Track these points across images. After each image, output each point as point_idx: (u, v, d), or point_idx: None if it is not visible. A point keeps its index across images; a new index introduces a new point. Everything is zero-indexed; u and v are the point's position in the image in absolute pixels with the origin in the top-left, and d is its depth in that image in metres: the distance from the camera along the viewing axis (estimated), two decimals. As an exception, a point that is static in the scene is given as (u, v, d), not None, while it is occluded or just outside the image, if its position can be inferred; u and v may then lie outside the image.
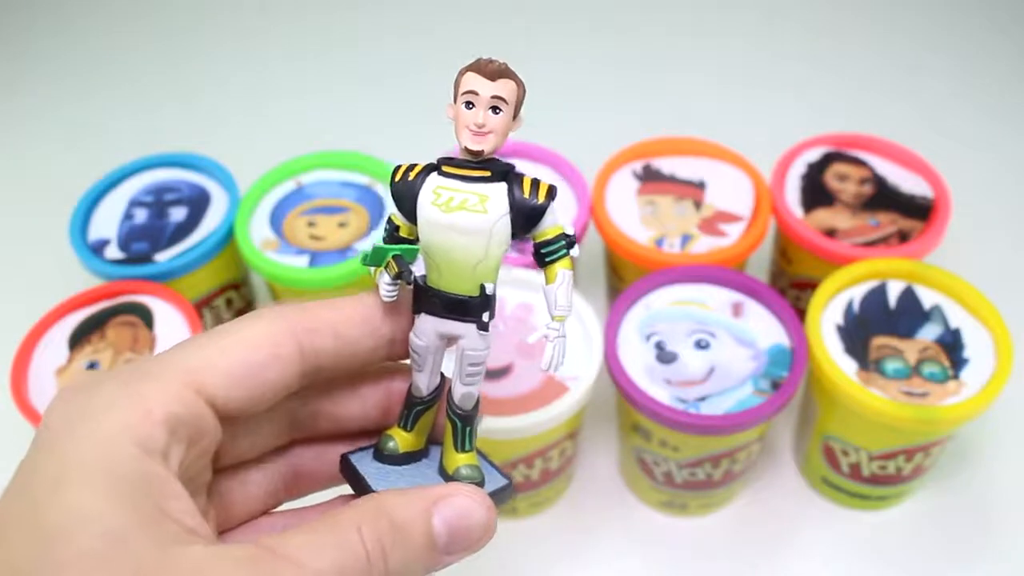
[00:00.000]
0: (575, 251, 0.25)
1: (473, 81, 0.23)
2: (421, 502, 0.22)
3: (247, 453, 0.26)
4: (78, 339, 0.46)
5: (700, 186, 0.53)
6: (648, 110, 0.71)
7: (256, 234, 0.51)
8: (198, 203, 0.54)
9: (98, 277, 0.50)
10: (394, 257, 0.24)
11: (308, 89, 0.78)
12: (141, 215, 0.53)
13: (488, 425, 0.41)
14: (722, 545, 0.47)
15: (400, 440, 0.27)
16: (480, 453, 0.27)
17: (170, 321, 0.47)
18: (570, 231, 0.25)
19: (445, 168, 0.24)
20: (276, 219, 0.52)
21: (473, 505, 0.23)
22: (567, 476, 0.49)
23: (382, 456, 0.26)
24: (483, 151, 0.23)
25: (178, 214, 0.53)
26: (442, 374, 0.26)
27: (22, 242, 0.64)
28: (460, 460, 0.26)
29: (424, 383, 0.26)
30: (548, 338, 0.25)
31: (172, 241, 0.51)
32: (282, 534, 0.20)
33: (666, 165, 0.54)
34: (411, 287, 0.25)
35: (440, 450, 0.27)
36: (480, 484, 0.25)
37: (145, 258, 0.51)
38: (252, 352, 0.23)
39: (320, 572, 0.20)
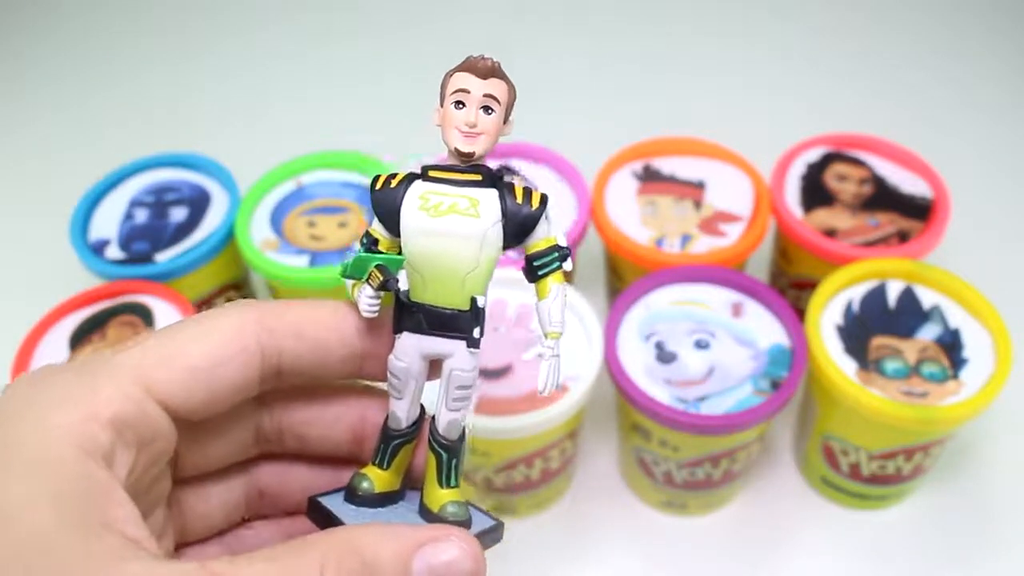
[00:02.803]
0: (568, 264, 0.23)
1: (463, 80, 0.22)
2: (402, 543, 0.20)
3: (208, 464, 0.24)
4: (79, 339, 0.46)
5: (700, 186, 0.53)
6: (648, 110, 0.71)
7: (256, 234, 0.51)
8: (198, 203, 0.54)
9: (99, 277, 0.50)
10: (377, 266, 0.22)
11: (308, 89, 0.78)
12: (141, 215, 0.53)
13: (488, 425, 0.41)
14: (722, 545, 0.47)
15: (375, 479, 0.24)
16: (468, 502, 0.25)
17: (170, 321, 0.47)
18: (563, 243, 0.23)
19: (431, 173, 0.23)
20: (276, 219, 0.52)
21: (462, 554, 0.20)
22: (567, 476, 0.49)
23: (355, 497, 0.24)
24: (474, 153, 0.22)
25: (178, 214, 0.53)
26: (422, 405, 0.25)
27: (23, 242, 0.64)
28: (445, 497, 0.23)
29: (403, 412, 0.24)
30: (543, 357, 0.23)
31: (172, 241, 0.52)
32: (235, 559, 0.18)
33: (666, 165, 0.54)
34: (391, 306, 0.23)
35: (416, 494, 0.25)
36: (467, 523, 0.23)
37: (145, 258, 0.51)
38: (209, 349, 0.21)
39: None
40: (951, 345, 0.44)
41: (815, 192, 0.52)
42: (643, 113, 0.70)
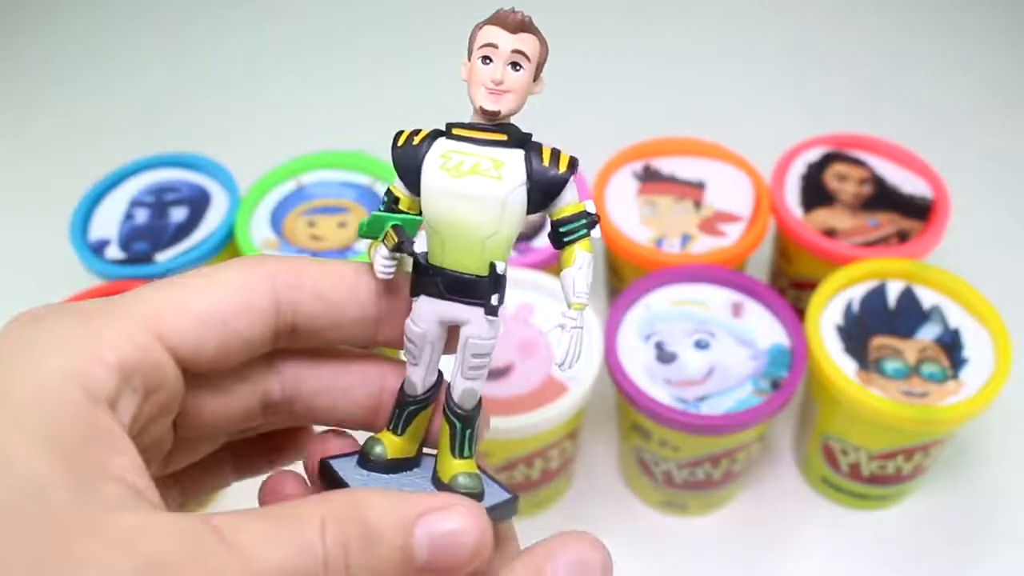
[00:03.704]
0: (596, 232, 0.22)
1: (492, 34, 0.21)
2: (406, 510, 0.19)
3: (211, 427, 0.23)
4: (79, 339, 0.46)
5: (700, 186, 0.53)
6: (648, 110, 0.71)
7: (256, 234, 0.51)
8: (198, 203, 0.54)
9: (99, 277, 0.50)
10: (393, 227, 0.22)
11: (308, 89, 0.78)
12: (142, 215, 0.53)
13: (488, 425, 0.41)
14: (722, 545, 0.47)
15: (389, 445, 0.23)
16: (482, 468, 0.24)
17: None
18: (592, 209, 0.22)
19: (455, 131, 0.22)
20: (276, 219, 0.52)
21: (467, 524, 0.19)
22: (567, 476, 0.49)
23: (367, 462, 0.23)
24: (499, 112, 0.21)
25: (179, 214, 0.53)
26: (440, 372, 0.24)
27: (23, 242, 0.64)
28: (457, 467, 0.23)
29: (419, 378, 0.23)
30: (564, 328, 0.21)
31: (173, 241, 0.52)
32: (236, 515, 0.18)
33: (666, 165, 0.54)
34: (410, 270, 0.22)
35: (432, 461, 0.24)
36: (479, 496, 0.22)
37: (146, 258, 0.51)
38: (222, 298, 0.21)
39: (265, 571, 0.17)
40: (951, 345, 0.44)
41: (815, 192, 0.52)
42: (643, 113, 0.70)
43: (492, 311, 0.22)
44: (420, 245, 0.22)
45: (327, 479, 0.23)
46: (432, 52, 0.79)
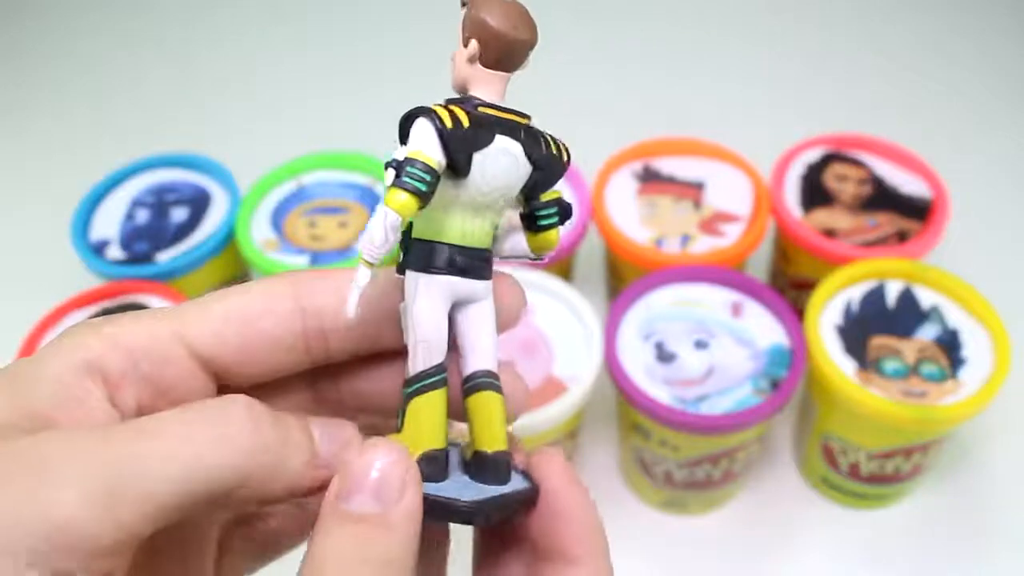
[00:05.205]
0: (388, 178, 0.19)
1: None
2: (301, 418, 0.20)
3: None
4: (80, 339, 0.46)
5: (699, 186, 0.53)
6: (648, 110, 0.71)
7: (257, 234, 0.51)
8: (199, 203, 0.54)
9: (100, 277, 0.50)
10: None
11: (308, 89, 0.78)
12: (142, 215, 0.54)
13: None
14: (722, 545, 0.48)
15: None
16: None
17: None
18: (395, 158, 0.20)
19: None
20: (277, 219, 0.52)
21: (345, 424, 0.21)
22: (567, 475, 0.49)
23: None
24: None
25: (179, 214, 0.53)
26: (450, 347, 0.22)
27: (24, 242, 0.64)
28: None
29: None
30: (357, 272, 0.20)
31: (173, 241, 0.52)
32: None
33: (666, 165, 0.54)
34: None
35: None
36: None
37: (146, 258, 0.51)
38: (245, 302, 0.21)
39: (189, 441, 0.17)
40: (950, 345, 0.44)
41: (814, 192, 0.52)
42: (643, 113, 0.70)
43: (399, 268, 0.21)
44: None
45: None
46: (432, 52, 0.79)
